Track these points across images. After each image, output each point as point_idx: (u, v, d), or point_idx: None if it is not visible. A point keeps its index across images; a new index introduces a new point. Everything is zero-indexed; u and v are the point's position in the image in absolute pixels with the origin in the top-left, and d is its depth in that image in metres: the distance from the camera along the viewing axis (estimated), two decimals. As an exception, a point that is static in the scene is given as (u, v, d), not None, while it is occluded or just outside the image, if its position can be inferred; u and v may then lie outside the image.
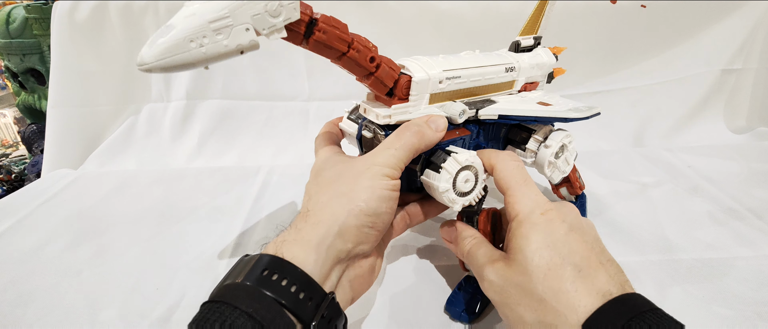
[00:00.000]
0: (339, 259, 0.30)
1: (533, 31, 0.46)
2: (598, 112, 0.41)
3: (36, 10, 0.89)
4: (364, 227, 0.31)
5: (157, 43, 0.24)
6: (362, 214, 0.31)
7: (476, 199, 0.37)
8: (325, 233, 0.29)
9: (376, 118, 0.36)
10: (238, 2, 0.25)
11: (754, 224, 0.49)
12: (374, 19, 0.75)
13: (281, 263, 0.27)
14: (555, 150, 0.41)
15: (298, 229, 0.30)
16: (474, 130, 0.40)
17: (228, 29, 0.25)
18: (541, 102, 0.42)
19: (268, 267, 0.27)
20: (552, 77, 0.48)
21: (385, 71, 0.33)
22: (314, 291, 0.27)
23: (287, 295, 0.26)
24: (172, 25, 0.25)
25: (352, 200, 0.31)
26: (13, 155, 1.27)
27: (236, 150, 0.77)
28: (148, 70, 0.24)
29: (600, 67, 0.79)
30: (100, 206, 0.59)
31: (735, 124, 0.78)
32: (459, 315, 0.37)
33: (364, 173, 0.32)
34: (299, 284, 0.27)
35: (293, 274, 0.27)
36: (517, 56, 0.44)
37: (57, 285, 0.43)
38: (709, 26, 0.76)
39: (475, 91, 0.41)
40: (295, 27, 0.29)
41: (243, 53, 0.27)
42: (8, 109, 1.46)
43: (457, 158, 0.35)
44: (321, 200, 0.32)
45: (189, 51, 0.25)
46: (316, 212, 0.31)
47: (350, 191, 0.31)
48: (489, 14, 0.72)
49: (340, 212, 0.30)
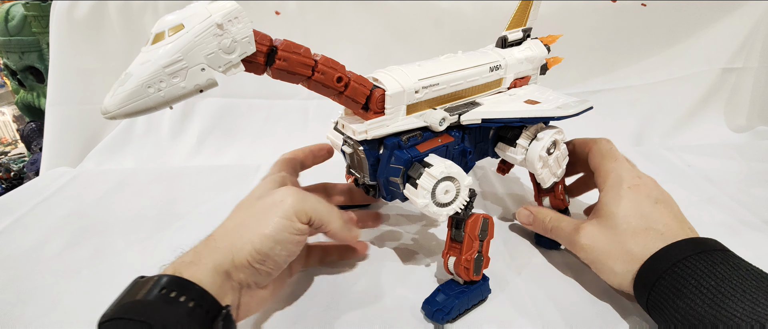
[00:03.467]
0: (232, 286, 0.31)
1: (522, 23, 0.45)
2: (590, 106, 0.40)
3: (35, 8, 0.89)
4: (255, 264, 0.31)
5: (117, 92, 0.25)
6: (254, 252, 0.30)
7: (461, 207, 0.36)
8: (221, 260, 0.30)
9: (353, 134, 0.36)
10: (189, 44, 0.26)
11: (754, 223, 0.49)
12: (374, 18, 0.74)
13: (180, 281, 0.28)
14: (546, 145, 0.40)
15: (197, 252, 0.31)
16: (458, 135, 0.39)
17: (183, 72, 0.26)
18: (529, 100, 0.41)
19: (166, 286, 0.27)
20: (546, 69, 0.47)
21: (355, 89, 0.33)
22: (211, 305, 0.28)
23: (185, 308, 0.26)
24: (130, 73, 0.25)
25: (252, 235, 0.31)
26: (12, 153, 1.27)
27: (235, 148, 0.77)
28: (112, 118, 0.25)
29: (600, 65, 0.78)
30: (99, 205, 0.59)
31: (735, 123, 0.78)
32: (432, 314, 0.36)
33: (273, 209, 0.32)
34: (197, 299, 0.27)
35: (191, 290, 0.27)
36: (504, 52, 0.43)
37: (56, 284, 0.43)
38: (709, 25, 0.75)
39: (458, 95, 0.40)
40: (253, 59, 0.29)
41: (202, 91, 0.27)
42: (7, 107, 1.45)
43: (431, 172, 0.34)
44: (227, 225, 0.33)
45: (148, 97, 0.26)
46: (217, 238, 0.32)
47: (255, 223, 0.32)
48: (490, 12, 0.72)
49: (237, 243, 0.31)
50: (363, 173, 0.39)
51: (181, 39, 0.26)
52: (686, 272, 0.30)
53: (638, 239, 0.35)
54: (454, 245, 0.38)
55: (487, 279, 0.39)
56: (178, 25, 0.26)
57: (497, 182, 0.61)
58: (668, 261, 0.32)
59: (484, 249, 0.37)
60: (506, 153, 0.43)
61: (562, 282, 0.41)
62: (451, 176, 0.35)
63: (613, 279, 0.36)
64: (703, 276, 0.29)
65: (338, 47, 0.77)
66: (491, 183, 0.61)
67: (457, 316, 0.37)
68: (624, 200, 0.37)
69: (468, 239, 0.37)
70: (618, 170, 0.39)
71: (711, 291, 0.28)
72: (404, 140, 0.36)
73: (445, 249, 0.39)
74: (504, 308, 0.39)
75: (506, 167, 0.49)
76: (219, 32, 0.26)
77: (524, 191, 0.58)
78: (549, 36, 0.47)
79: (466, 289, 0.37)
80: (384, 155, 0.37)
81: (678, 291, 0.30)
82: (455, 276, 0.38)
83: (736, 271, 0.29)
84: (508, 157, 0.43)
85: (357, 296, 0.40)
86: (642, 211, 0.36)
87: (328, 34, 0.76)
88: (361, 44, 0.76)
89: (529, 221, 0.45)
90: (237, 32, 0.27)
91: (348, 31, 0.76)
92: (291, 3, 0.73)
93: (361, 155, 0.37)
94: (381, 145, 0.37)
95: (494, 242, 0.38)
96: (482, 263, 0.37)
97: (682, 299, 0.29)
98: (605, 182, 0.39)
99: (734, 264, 0.30)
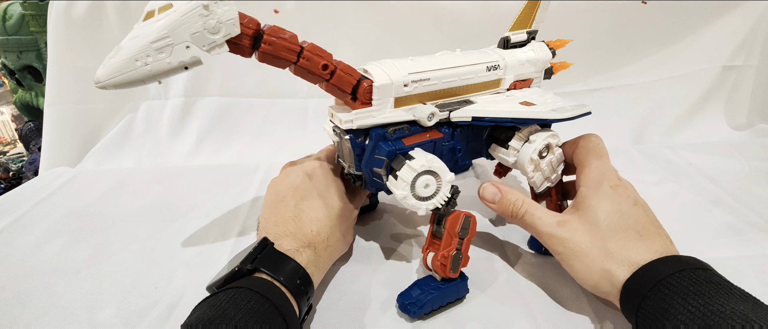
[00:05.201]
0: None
1: (527, 25, 0.44)
2: (588, 111, 0.39)
3: (33, 7, 0.89)
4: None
5: (108, 64, 0.27)
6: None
7: (442, 202, 0.36)
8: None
9: (340, 123, 0.36)
10: (175, 22, 0.27)
11: (755, 222, 0.49)
12: (373, 17, 0.74)
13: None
14: (538, 147, 0.39)
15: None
16: (447, 132, 0.39)
17: (169, 48, 0.28)
18: (524, 102, 0.40)
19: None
20: (551, 73, 0.46)
21: (341, 78, 0.34)
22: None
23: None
24: (121, 47, 0.27)
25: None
26: (11, 153, 1.27)
27: (235, 148, 0.77)
28: (103, 88, 0.28)
29: (600, 64, 0.78)
30: (98, 205, 0.59)
31: (735, 121, 0.78)
32: (405, 307, 0.36)
33: None
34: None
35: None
36: (504, 53, 0.42)
37: (55, 284, 0.43)
38: (710, 23, 0.75)
39: (452, 92, 0.40)
40: (238, 40, 0.30)
41: (187, 69, 0.29)
42: (5, 106, 1.45)
43: (411, 165, 0.34)
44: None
45: (136, 69, 0.28)
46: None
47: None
48: (489, 11, 0.72)
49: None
50: (349, 162, 0.39)
51: (168, 17, 0.27)
52: (672, 290, 0.29)
53: (618, 237, 0.34)
54: (434, 240, 0.38)
55: (466, 278, 0.38)
56: (168, 4, 0.27)
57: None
58: (652, 278, 0.30)
59: (463, 246, 0.37)
60: (499, 154, 0.42)
61: (553, 284, 0.41)
62: (433, 171, 0.35)
63: (588, 278, 0.34)
64: (689, 294, 0.28)
65: (337, 47, 0.76)
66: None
67: (430, 312, 0.37)
68: (605, 198, 0.36)
69: (447, 235, 0.36)
70: (601, 168, 0.38)
71: (699, 310, 0.27)
72: (390, 132, 0.36)
73: (426, 244, 0.39)
74: (492, 309, 0.38)
75: (503, 169, 0.48)
76: (205, 13, 0.28)
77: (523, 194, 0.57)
78: (558, 40, 0.46)
79: (442, 286, 0.37)
80: (368, 145, 0.37)
81: (664, 312, 0.29)
82: (433, 272, 0.38)
83: (720, 290, 0.28)
84: (500, 158, 0.42)
85: (356, 295, 0.40)
86: (622, 210, 0.35)
87: (327, 33, 0.76)
88: (360, 44, 0.76)
89: (494, 198, 0.40)
90: (222, 14, 0.28)
91: (347, 30, 0.75)
92: (290, 3, 0.73)
93: (347, 144, 0.38)
94: (367, 135, 0.37)
95: (486, 243, 0.38)
96: (460, 261, 0.37)
97: (669, 319, 0.28)
98: (588, 177, 0.38)
99: (717, 282, 0.29)
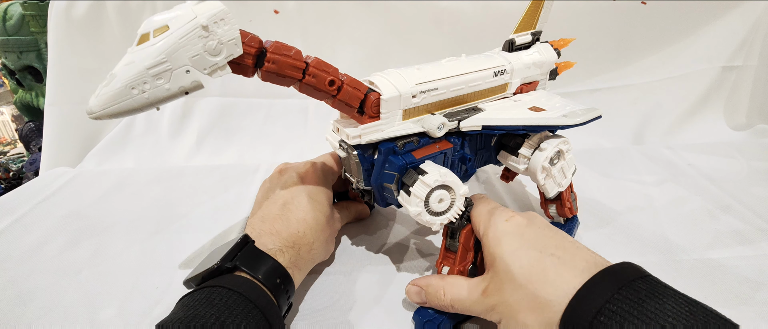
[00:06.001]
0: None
1: (531, 26, 0.44)
2: (599, 115, 0.38)
3: (33, 7, 0.89)
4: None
5: (102, 93, 0.25)
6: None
7: (456, 216, 0.35)
8: None
9: (348, 138, 0.35)
10: (173, 46, 0.25)
11: (755, 222, 0.49)
12: (373, 17, 0.74)
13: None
14: (549, 155, 0.38)
15: None
16: (457, 142, 0.37)
17: (167, 73, 0.26)
18: (533, 107, 0.39)
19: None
20: (556, 74, 0.46)
21: (348, 92, 0.32)
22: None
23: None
24: (114, 75, 0.25)
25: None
26: (11, 153, 1.27)
27: (235, 148, 0.77)
28: (97, 118, 0.26)
29: (600, 64, 0.78)
30: (98, 205, 0.59)
31: (735, 121, 0.78)
32: (422, 325, 0.34)
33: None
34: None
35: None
36: (510, 56, 0.42)
37: (56, 284, 0.43)
38: (709, 23, 0.75)
39: (460, 99, 0.39)
40: (241, 61, 0.28)
41: (188, 94, 0.27)
42: (6, 106, 1.45)
43: (425, 180, 0.33)
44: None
45: (132, 98, 0.26)
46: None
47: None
48: (490, 12, 0.72)
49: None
50: (357, 177, 0.38)
51: (165, 40, 0.25)
52: (613, 319, 0.24)
53: (535, 274, 0.29)
54: (448, 254, 0.37)
55: None
56: (163, 26, 0.26)
57: (501, 188, 0.59)
58: (588, 310, 0.25)
59: (479, 260, 0.36)
60: (508, 162, 0.41)
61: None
62: (446, 185, 0.34)
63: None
64: (633, 319, 0.24)
65: (337, 47, 0.77)
66: (495, 189, 0.60)
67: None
68: (505, 238, 0.32)
69: (462, 249, 0.35)
70: (491, 213, 0.34)
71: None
72: (399, 146, 0.35)
73: (440, 258, 0.38)
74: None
75: (510, 174, 0.47)
76: (204, 34, 0.26)
77: (529, 199, 0.57)
78: (561, 40, 0.45)
79: None
80: (378, 160, 0.35)
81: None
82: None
83: (665, 303, 0.24)
84: (510, 166, 0.42)
85: (356, 296, 0.40)
86: (525, 237, 0.31)
87: (327, 33, 0.76)
88: (361, 44, 0.76)
89: (420, 299, 0.35)
90: (223, 34, 0.26)
91: (347, 30, 0.75)
92: (290, 3, 0.73)
93: (355, 159, 0.36)
94: (376, 150, 0.36)
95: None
96: (477, 275, 0.35)
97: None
98: (485, 229, 0.34)
99: (661, 294, 0.25)
